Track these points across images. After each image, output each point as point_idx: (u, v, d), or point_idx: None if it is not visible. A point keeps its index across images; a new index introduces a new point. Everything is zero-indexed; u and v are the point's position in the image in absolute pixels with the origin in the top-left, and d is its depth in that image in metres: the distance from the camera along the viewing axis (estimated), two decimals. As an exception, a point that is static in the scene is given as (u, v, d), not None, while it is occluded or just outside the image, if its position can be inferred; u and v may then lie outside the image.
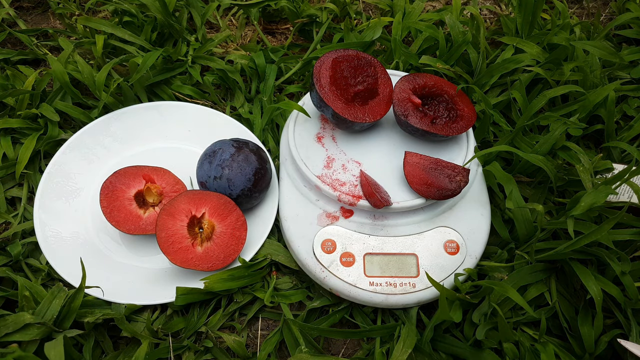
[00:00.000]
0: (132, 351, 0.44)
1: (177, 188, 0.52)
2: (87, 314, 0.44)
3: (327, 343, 0.48)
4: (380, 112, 0.52)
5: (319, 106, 0.52)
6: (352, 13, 0.71)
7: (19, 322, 0.41)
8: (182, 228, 0.48)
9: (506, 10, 0.76)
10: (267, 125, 0.59)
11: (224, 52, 0.67)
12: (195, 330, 0.46)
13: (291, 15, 0.69)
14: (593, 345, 0.44)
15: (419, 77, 0.54)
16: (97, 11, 0.73)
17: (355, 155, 0.52)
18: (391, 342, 0.45)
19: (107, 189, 0.50)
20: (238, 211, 0.49)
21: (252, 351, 0.47)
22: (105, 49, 0.63)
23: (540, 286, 0.47)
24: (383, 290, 0.46)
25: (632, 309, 0.44)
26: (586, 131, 0.58)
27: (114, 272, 0.49)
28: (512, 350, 0.44)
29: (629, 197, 0.51)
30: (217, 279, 0.47)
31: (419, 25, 0.64)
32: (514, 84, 0.59)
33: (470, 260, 0.48)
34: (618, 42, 0.69)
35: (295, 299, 0.49)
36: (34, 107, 0.58)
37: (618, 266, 0.44)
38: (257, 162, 0.50)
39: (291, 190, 0.52)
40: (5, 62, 0.64)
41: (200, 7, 0.69)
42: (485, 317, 0.45)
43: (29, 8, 0.75)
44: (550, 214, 0.52)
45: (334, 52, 0.52)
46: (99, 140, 0.57)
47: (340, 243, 0.48)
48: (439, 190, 0.48)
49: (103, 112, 0.59)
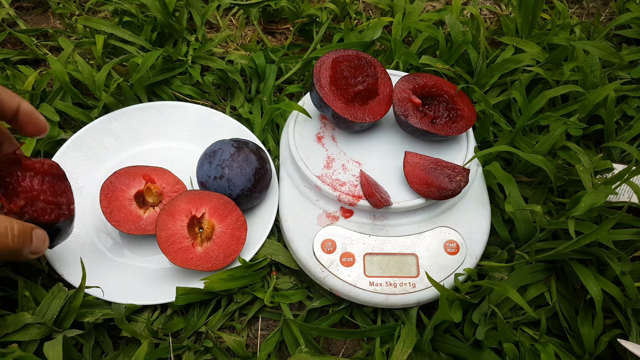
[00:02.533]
0: (132, 351, 0.44)
1: (177, 188, 0.52)
2: (87, 314, 0.44)
3: (327, 343, 0.48)
4: (380, 112, 0.52)
5: (319, 106, 0.52)
6: (352, 13, 0.71)
7: (19, 322, 0.41)
8: (182, 228, 0.48)
9: (506, 10, 0.76)
10: (267, 125, 0.59)
11: (224, 52, 0.67)
12: (195, 330, 0.46)
13: (291, 15, 0.69)
14: (593, 345, 0.44)
15: (419, 77, 0.54)
16: (97, 11, 0.73)
17: (355, 155, 0.52)
18: (391, 342, 0.45)
19: (107, 189, 0.50)
20: (238, 211, 0.49)
21: (252, 351, 0.47)
22: (105, 49, 0.63)
23: (540, 286, 0.47)
24: (383, 290, 0.46)
25: (632, 309, 0.44)
26: (586, 131, 0.58)
27: (114, 272, 0.49)
28: (512, 350, 0.44)
29: (629, 197, 0.51)
30: (217, 279, 0.47)
31: (419, 25, 0.64)
32: (514, 84, 0.59)
33: (470, 260, 0.48)
34: (618, 42, 0.69)
35: (295, 299, 0.49)
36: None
37: (618, 266, 0.44)
38: (257, 162, 0.50)
39: (291, 190, 0.52)
40: (5, 62, 0.64)
41: (200, 7, 0.69)
42: (485, 317, 0.45)
43: (29, 8, 0.75)
44: (550, 214, 0.52)
45: (334, 52, 0.52)
46: (99, 140, 0.57)
47: (340, 243, 0.48)
48: (439, 190, 0.48)
49: (103, 112, 0.59)
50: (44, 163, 0.43)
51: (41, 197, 0.41)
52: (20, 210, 0.40)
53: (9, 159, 0.41)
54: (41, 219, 0.41)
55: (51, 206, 0.42)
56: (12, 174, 0.41)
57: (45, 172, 0.43)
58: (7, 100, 0.40)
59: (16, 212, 0.40)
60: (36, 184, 0.42)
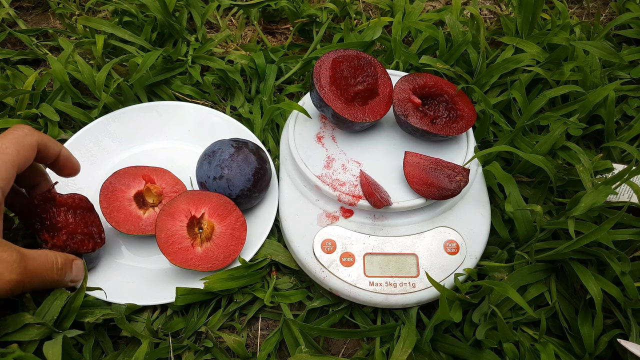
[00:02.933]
0: (132, 351, 0.44)
1: (177, 188, 0.52)
2: (87, 314, 0.44)
3: (327, 343, 0.48)
4: (380, 112, 0.52)
5: (319, 106, 0.52)
6: (352, 13, 0.71)
7: (19, 322, 0.41)
8: (182, 228, 0.48)
9: (506, 10, 0.76)
10: (267, 125, 0.59)
11: (224, 52, 0.67)
12: (195, 330, 0.46)
13: (291, 15, 0.69)
14: (593, 345, 0.44)
15: (419, 77, 0.54)
16: (97, 11, 0.73)
17: (355, 155, 0.52)
18: (391, 342, 0.45)
19: (106, 190, 0.50)
20: (238, 211, 0.49)
21: (252, 351, 0.47)
22: (105, 49, 0.63)
23: (540, 286, 0.47)
24: (383, 290, 0.46)
25: (632, 309, 0.44)
26: (586, 131, 0.58)
27: (114, 272, 0.49)
28: (512, 350, 0.44)
29: (629, 197, 0.51)
30: (217, 279, 0.47)
31: (419, 25, 0.64)
32: (514, 84, 0.59)
33: (470, 260, 0.48)
34: (618, 42, 0.69)
35: (295, 299, 0.49)
36: (34, 107, 0.58)
37: (618, 266, 0.44)
38: (257, 162, 0.50)
39: (291, 190, 0.52)
40: (5, 62, 0.64)
41: (200, 7, 0.69)
42: (485, 317, 0.45)
43: (29, 8, 0.75)
44: (550, 214, 0.52)
45: (334, 52, 0.52)
46: (98, 141, 0.57)
47: (340, 243, 0.48)
48: (439, 190, 0.48)
49: (103, 112, 0.59)
50: (75, 198, 0.47)
51: (79, 230, 0.46)
52: (63, 243, 0.45)
53: (45, 197, 0.45)
54: (80, 249, 0.45)
55: (87, 237, 0.46)
56: (48, 210, 0.45)
57: (76, 206, 0.47)
58: (53, 147, 0.45)
59: (59, 246, 0.44)
60: (70, 217, 0.46)
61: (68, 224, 0.46)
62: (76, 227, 0.46)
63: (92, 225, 0.47)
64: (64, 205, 0.46)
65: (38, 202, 0.45)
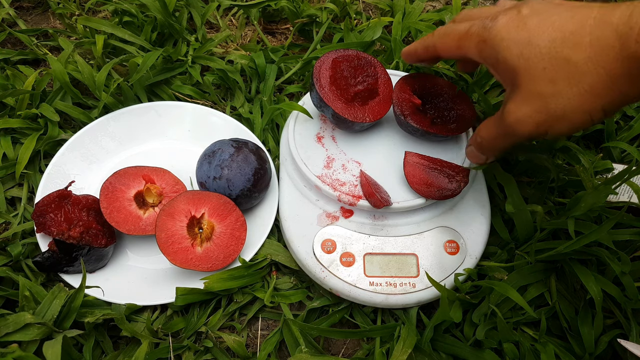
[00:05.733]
0: (132, 351, 0.44)
1: (177, 188, 0.52)
2: (87, 314, 0.45)
3: (327, 343, 0.48)
4: (380, 112, 0.52)
5: (319, 106, 0.52)
6: (352, 13, 0.71)
7: (19, 322, 0.41)
8: (182, 228, 0.48)
9: (506, 10, 0.76)
10: (267, 125, 0.59)
11: (224, 52, 0.67)
12: (195, 330, 0.46)
13: (291, 15, 0.69)
14: (593, 345, 0.44)
15: (419, 77, 0.54)
16: (97, 11, 0.73)
17: (355, 155, 0.52)
18: (391, 342, 0.45)
19: (106, 190, 0.50)
20: (237, 211, 0.49)
21: (252, 351, 0.47)
22: (105, 49, 0.63)
23: (540, 286, 0.47)
24: (383, 290, 0.46)
25: (632, 309, 0.44)
26: (586, 131, 0.58)
27: (114, 272, 0.49)
28: (512, 350, 0.44)
29: (629, 197, 0.51)
30: (217, 279, 0.47)
31: (419, 25, 0.64)
32: (514, 84, 0.59)
33: (470, 260, 0.48)
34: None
35: (295, 299, 0.49)
36: (34, 107, 0.58)
37: (618, 266, 0.44)
38: (257, 162, 0.50)
39: (291, 190, 0.52)
40: (5, 62, 0.64)
41: (200, 7, 0.69)
42: (485, 317, 0.45)
43: (29, 8, 0.75)
44: (550, 214, 0.52)
45: (334, 52, 0.52)
46: (98, 141, 0.57)
47: (340, 243, 0.48)
48: (439, 190, 0.48)
49: (103, 112, 0.59)
50: (88, 198, 0.51)
51: (93, 225, 0.49)
52: (80, 235, 0.48)
53: (61, 194, 0.49)
54: (94, 243, 0.48)
55: (101, 232, 0.49)
56: (64, 205, 0.49)
57: (90, 205, 0.50)
58: None
59: (75, 238, 0.47)
60: (84, 215, 0.49)
61: (81, 219, 0.49)
62: (91, 223, 0.49)
63: (103, 224, 0.50)
64: (78, 204, 0.50)
65: (55, 197, 0.49)
